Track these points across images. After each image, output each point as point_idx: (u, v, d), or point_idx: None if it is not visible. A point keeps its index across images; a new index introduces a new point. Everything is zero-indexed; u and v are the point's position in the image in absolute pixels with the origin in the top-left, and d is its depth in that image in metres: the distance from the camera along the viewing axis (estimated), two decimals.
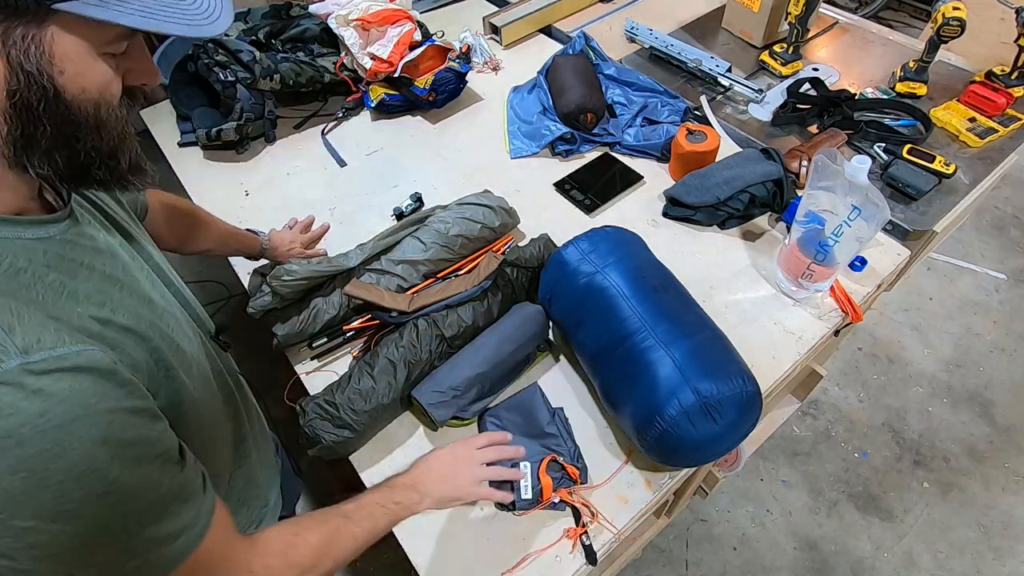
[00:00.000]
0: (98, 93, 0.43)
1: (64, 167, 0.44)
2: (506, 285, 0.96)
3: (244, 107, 1.26)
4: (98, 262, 0.49)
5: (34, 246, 0.44)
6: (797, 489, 1.61)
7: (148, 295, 0.53)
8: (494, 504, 0.80)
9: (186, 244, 0.93)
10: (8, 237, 0.43)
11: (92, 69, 0.42)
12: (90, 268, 0.48)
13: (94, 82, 0.43)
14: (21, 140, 0.42)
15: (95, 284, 0.47)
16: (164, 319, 0.53)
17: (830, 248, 0.89)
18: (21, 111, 0.40)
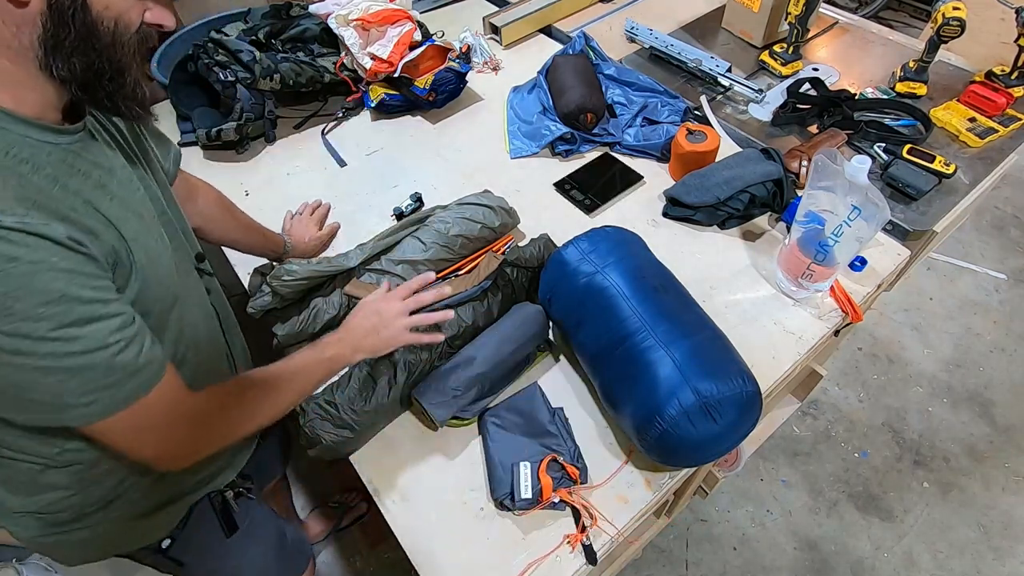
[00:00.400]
0: (118, 13, 0.52)
1: (80, 72, 0.52)
2: (506, 285, 0.96)
3: (244, 107, 1.26)
4: (95, 173, 0.57)
5: (40, 147, 0.52)
6: (797, 489, 1.61)
7: (138, 212, 0.62)
8: (494, 504, 0.80)
9: (212, 226, 0.97)
10: (21, 133, 0.51)
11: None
12: (86, 175, 0.56)
13: (116, 2, 0.52)
14: (51, 42, 0.50)
15: (87, 189, 0.55)
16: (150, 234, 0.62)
17: (830, 248, 0.89)
18: (55, 14, 0.49)
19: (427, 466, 0.85)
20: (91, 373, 0.52)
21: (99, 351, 0.52)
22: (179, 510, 0.80)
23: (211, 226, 0.97)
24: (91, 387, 0.52)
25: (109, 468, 0.68)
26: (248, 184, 1.27)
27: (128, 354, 0.54)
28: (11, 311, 0.46)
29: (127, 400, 0.55)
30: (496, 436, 0.84)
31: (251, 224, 1.05)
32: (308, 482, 1.68)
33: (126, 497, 0.71)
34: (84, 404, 0.53)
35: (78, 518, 0.70)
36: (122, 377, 0.54)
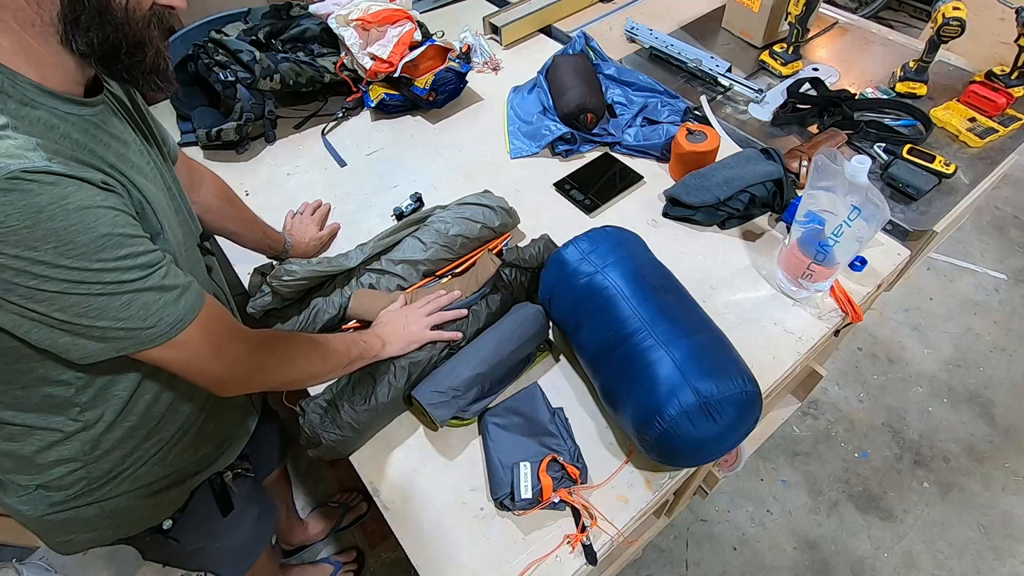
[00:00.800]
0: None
1: (99, 45, 0.55)
2: (506, 286, 0.96)
3: (244, 107, 1.26)
4: (114, 143, 0.61)
5: (66, 116, 0.56)
6: (797, 489, 1.61)
7: (154, 183, 0.66)
8: (494, 504, 0.80)
9: (211, 216, 0.98)
10: (49, 105, 0.55)
11: None
12: (107, 144, 0.60)
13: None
14: (69, 17, 0.53)
15: (112, 150, 0.60)
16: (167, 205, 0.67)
17: (830, 248, 0.89)
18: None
19: (427, 466, 0.85)
20: (150, 295, 0.56)
21: (151, 275, 0.57)
22: (183, 493, 0.83)
23: (212, 216, 0.98)
24: (153, 308, 0.57)
25: (116, 438, 0.70)
26: (248, 184, 1.27)
27: (172, 277, 0.59)
28: (73, 243, 0.50)
29: (184, 318, 0.60)
30: (496, 436, 0.84)
31: (253, 218, 1.06)
32: (308, 482, 1.68)
33: (132, 472, 0.74)
34: (149, 326, 0.57)
35: (86, 491, 0.72)
36: (175, 297, 0.59)
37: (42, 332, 0.54)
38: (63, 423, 0.66)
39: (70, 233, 0.50)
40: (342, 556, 1.51)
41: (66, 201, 0.49)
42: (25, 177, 0.47)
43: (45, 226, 0.48)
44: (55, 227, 0.49)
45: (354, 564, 1.50)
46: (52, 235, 0.49)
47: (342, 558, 1.50)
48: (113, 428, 0.70)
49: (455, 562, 0.77)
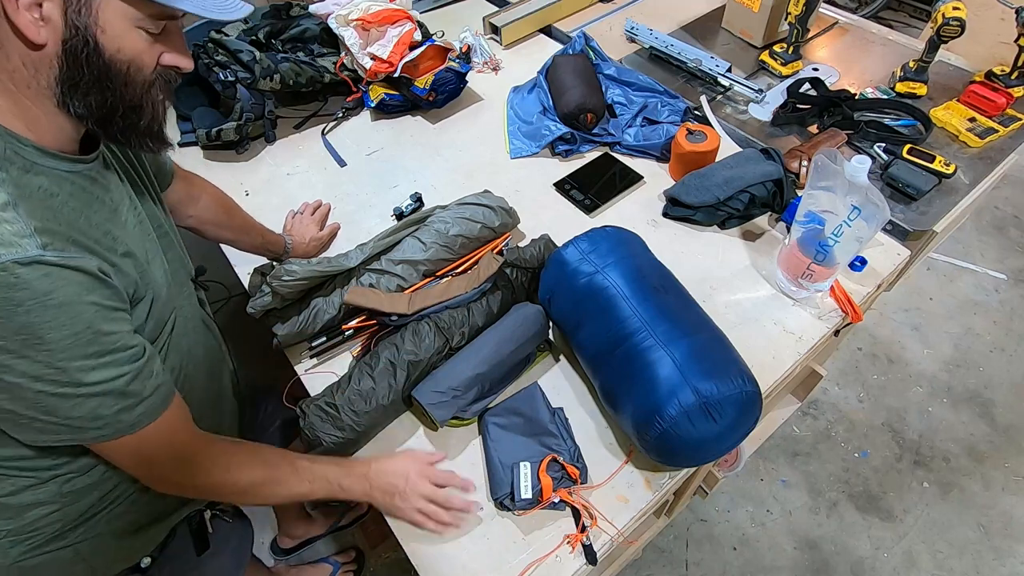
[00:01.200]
0: (131, 56, 0.55)
1: (96, 109, 0.56)
2: (506, 285, 0.96)
3: (244, 107, 1.26)
4: (108, 198, 0.62)
5: (66, 177, 0.57)
6: (797, 489, 1.61)
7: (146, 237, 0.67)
8: (494, 504, 0.80)
9: (208, 227, 0.99)
10: (48, 166, 0.55)
11: (128, 35, 0.54)
12: (102, 202, 0.60)
13: (128, 46, 0.54)
14: (68, 82, 0.54)
15: (105, 215, 0.60)
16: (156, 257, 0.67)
17: (830, 248, 0.89)
18: (69, 56, 0.52)
19: None
20: (105, 399, 0.56)
21: (114, 380, 0.56)
22: (161, 531, 0.81)
23: (211, 227, 0.99)
24: (104, 412, 0.56)
25: (93, 482, 0.69)
26: (248, 184, 1.27)
27: (138, 384, 0.58)
28: (43, 340, 0.50)
29: (134, 426, 0.59)
30: (496, 436, 0.84)
31: (251, 225, 1.05)
32: None
33: (108, 512, 0.72)
34: (97, 428, 0.57)
35: (61, 534, 0.70)
36: (132, 404, 0.58)
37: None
38: (37, 469, 0.65)
39: (43, 329, 0.50)
40: (342, 556, 1.51)
41: (48, 297, 0.49)
42: (13, 269, 0.47)
43: (20, 319, 0.48)
44: (30, 321, 0.49)
45: (354, 564, 1.50)
46: (24, 328, 0.49)
47: (341, 558, 1.50)
48: (91, 474, 0.68)
49: (455, 562, 0.77)
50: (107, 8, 0.52)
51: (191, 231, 0.99)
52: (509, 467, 0.79)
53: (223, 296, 2.09)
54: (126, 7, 0.53)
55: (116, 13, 0.53)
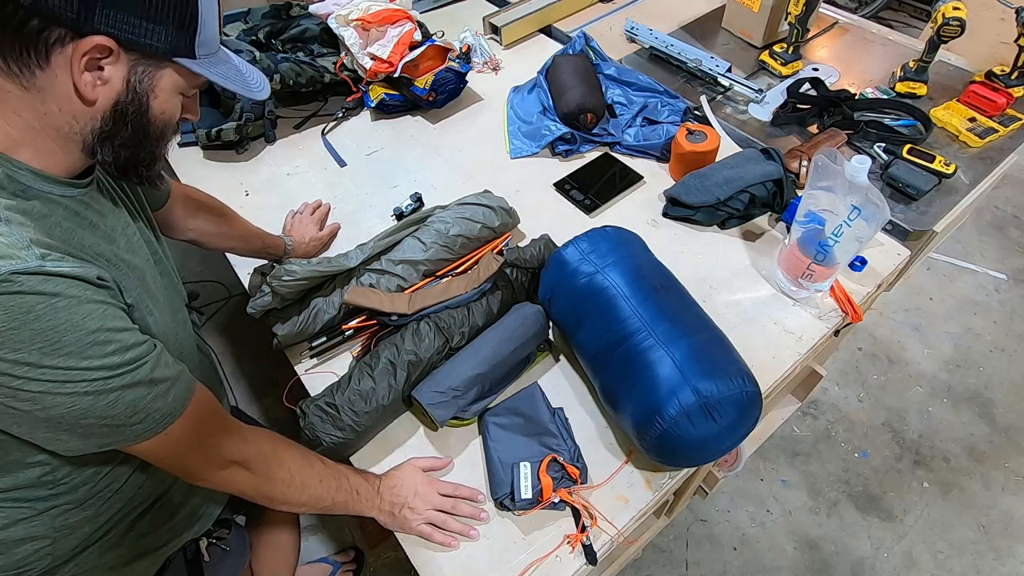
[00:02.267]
0: (170, 116, 0.59)
1: (123, 160, 0.58)
2: (506, 285, 0.96)
3: (244, 107, 1.26)
4: (101, 223, 0.62)
5: (59, 200, 0.57)
6: (797, 489, 1.61)
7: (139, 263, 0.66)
8: (494, 504, 0.80)
9: (208, 238, 0.99)
10: (42, 190, 0.56)
11: (173, 100, 0.58)
12: (94, 226, 0.61)
13: (171, 109, 0.59)
14: (105, 135, 0.56)
15: (97, 238, 0.60)
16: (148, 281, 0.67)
17: (830, 248, 0.89)
18: (117, 116, 0.55)
19: None
20: (137, 391, 0.55)
21: (139, 368, 0.56)
22: (155, 562, 0.79)
23: (210, 238, 0.99)
24: (140, 405, 0.56)
25: (88, 516, 0.68)
26: (248, 184, 1.27)
27: (162, 369, 0.58)
28: (60, 343, 0.50)
29: (172, 413, 0.59)
30: (496, 436, 0.84)
31: (251, 231, 1.05)
32: None
33: (100, 545, 0.71)
34: (136, 422, 0.56)
35: (50, 570, 0.68)
36: (163, 390, 0.58)
37: (24, 427, 0.54)
38: (34, 501, 0.63)
39: (58, 333, 0.49)
40: (341, 556, 1.51)
41: (56, 300, 0.49)
42: (15, 279, 0.47)
43: (32, 327, 0.48)
44: (42, 327, 0.48)
45: (353, 564, 1.50)
46: (38, 336, 0.48)
47: (341, 558, 1.50)
48: (86, 506, 0.67)
49: (455, 562, 0.77)
50: (166, 77, 0.56)
51: (192, 243, 0.99)
52: (509, 467, 0.80)
53: (223, 296, 2.10)
54: (179, 79, 0.57)
55: (172, 82, 0.56)
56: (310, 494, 0.74)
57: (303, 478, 0.73)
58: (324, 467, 0.76)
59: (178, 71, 0.56)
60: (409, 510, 0.78)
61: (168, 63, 0.55)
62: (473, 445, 0.87)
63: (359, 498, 0.77)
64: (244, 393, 1.81)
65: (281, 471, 0.71)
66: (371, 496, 0.78)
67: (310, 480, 0.74)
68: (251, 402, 1.78)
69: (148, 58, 0.54)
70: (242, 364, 1.88)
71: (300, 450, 0.75)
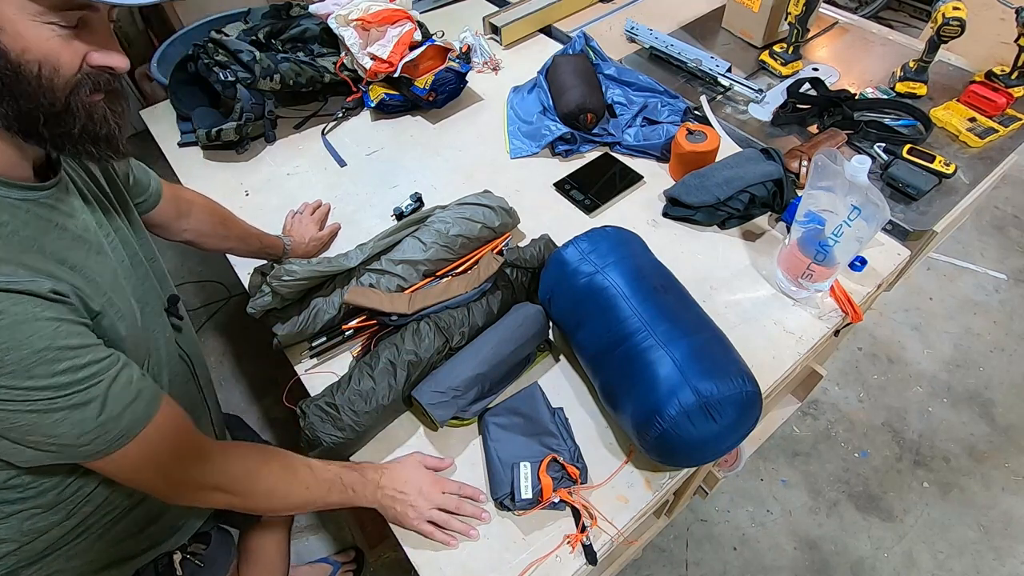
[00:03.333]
0: (41, 57, 0.48)
1: (13, 119, 0.50)
2: (506, 285, 0.96)
3: (244, 107, 1.26)
4: (70, 224, 0.58)
5: (19, 205, 0.53)
6: (797, 489, 1.61)
7: (112, 265, 0.63)
8: (494, 504, 0.80)
9: (203, 239, 0.97)
10: (2, 195, 0.52)
11: (32, 32, 0.47)
12: (62, 228, 0.57)
13: (36, 46, 0.48)
14: None
15: (65, 243, 0.56)
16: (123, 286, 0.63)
17: (830, 248, 0.89)
18: None
19: None
20: (87, 412, 0.53)
21: (92, 387, 0.53)
22: (124, 574, 0.77)
23: (206, 239, 0.98)
24: (89, 426, 0.53)
25: (56, 520, 0.66)
26: (248, 184, 1.27)
27: (118, 387, 0.55)
28: (2, 362, 0.47)
29: (125, 435, 0.56)
30: (496, 436, 0.84)
31: (247, 233, 1.04)
32: None
33: (68, 550, 0.69)
34: (84, 443, 0.54)
35: (15, 571, 0.67)
36: (118, 410, 0.55)
37: None
38: (2, 503, 0.61)
39: (1, 351, 0.47)
40: (341, 556, 1.51)
41: (1, 317, 0.47)
42: None
43: None
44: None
45: (353, 564, 1.50)
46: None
47: (341, 558, 1.50)
48: (56, 510, 0.65)
49: (455, 562, 0.77)
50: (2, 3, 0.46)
51: (188, 244, 0.98)
52: (509, 467, 0.80)
53: (223, 296, 2.10)
54: None
55: (11, 7, 0.46)
56: (295, 502, 0.73)
57: (287, 489, 0.72)
58: (311, 473, 0.74)
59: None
60: (411, 508, 0.77)
61: None
62: (473, 445, 0.87)
63: (356, 495, 0.77)
64: (244, 393, 1.81)
65: (261, 486, 0.70)
66: (370, 491, 0.78)
67: (295, 490, 0.72)
68: (251, 402, 1.78)
69: None
70: (242, 364, 1.88)
71: (282, 460, 0.73)
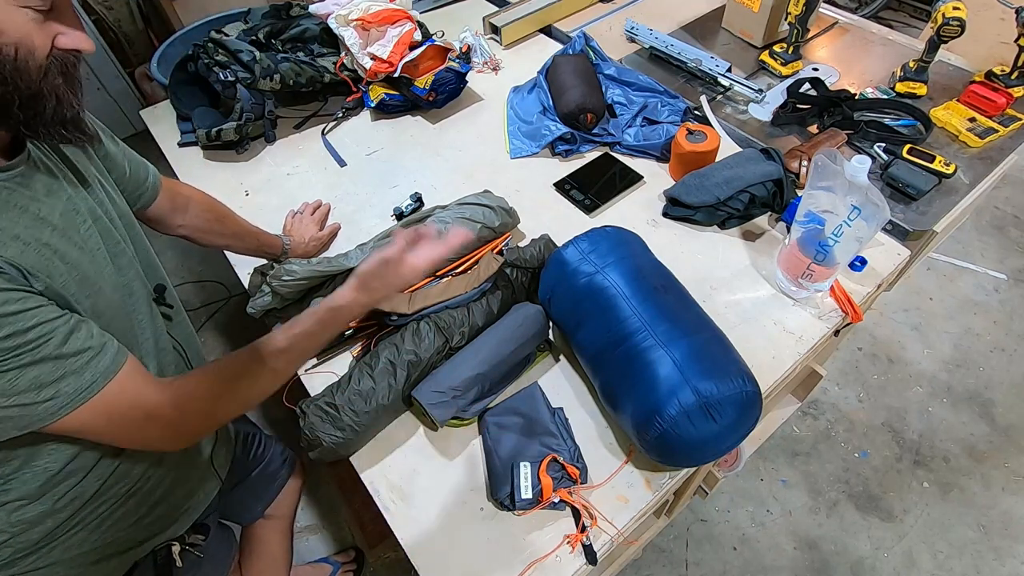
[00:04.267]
0: (17, 39, 0.49)
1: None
2: (506, 285, 0.96)
3: (244, 107, 1.26)
4: (32, 206, 0.57)
5: None
6: (797, 489, 1.61)
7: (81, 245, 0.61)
8: (494, 504, 0.80)
9: (199, 235, 0.97)
10: None
11: (9, 16, 0.48)
12: (23, 210, 0.55)
13: (12, 29, 0.49)
14: None
15: (25, 223, 0.55)
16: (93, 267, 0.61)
17: (830, 248, 0.89)
18: None
19: (427, 466, 0.85)
20: (42, 368, 0.52)
21: (42, 345, 0.52)
22: (121, 565, 0.77)
23: (203, 235, 0.97)
24: (47, 380, 0.52)
25: (46, 510, 0.65)
26: (248, 184, 1.27)
27: (75, 342, 0.54)
28: None
29: (91, 386, 0.55)
30: (496, 436, 0.84)
31: (245, 230, 1.04)
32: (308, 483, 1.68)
33: (65, 540, 0.69)
34: (45, 399, 0.53)
35: (11, 561, 0.66)
36: (78, 364, 0.54)
37: None
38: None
39: None
40: (341, 556, 1.51)
41: None
42: None
43: None
44: None
45: (353, 564, 1.50)
46: None
47: (341, 558, 1.50)
48: (43, 500, 0.64)
49: (455, 562, 0.77)
50: None
51: (185, 239, 0.97)
52: (509, 467, 0.79)
53: (223, 296, 2.10)
54: None
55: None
56: (285, 367, 0.70)
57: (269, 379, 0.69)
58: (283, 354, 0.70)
59: None
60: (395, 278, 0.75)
61: None
62: (473, 445, 0.87)
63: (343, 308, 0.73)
64: None
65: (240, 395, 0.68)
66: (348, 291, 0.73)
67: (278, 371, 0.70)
68: None
69: None
70: None
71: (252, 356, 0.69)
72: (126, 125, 2.62)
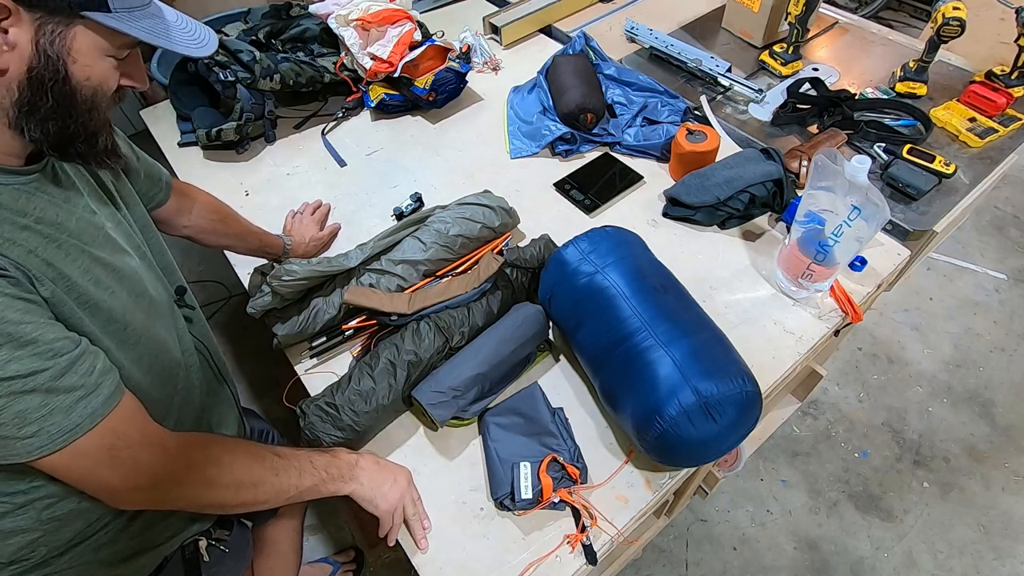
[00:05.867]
0: (98, 83, 0.54)
1: (53, 135, 0.54)
2: (506, 285, 0.96)
3: (244, 107, 1.26)
4: (48, 214, 0.57)
5: None
6: (797, 489, 1.61)
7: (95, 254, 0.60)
8: (494, 504, 0.80)
9: (203, 235, 0.98)
10: None
11: (98, 64, 0.54)
12: (38, 219, 0.55)
13: (97, 74, 0.54)
14: (26, 107, 0.52)
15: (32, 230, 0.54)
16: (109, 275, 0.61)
17: (830, 248, 0.89)
18: (34, 84, 0.51)
19: (427, 466, 0.85)
20: (31, 400, 0.49)
21: (34, 375, 0.49)
22: (152, 560, 0.77)
23: (206, 235, 0.98)
24: (33, 416, 0.50)
25: (75, 508, 0.65)
26: (248, 184, 1.27)
27: (70, 378, 0.51)
28: None
29: (75, 428, 0.52)
30: (496, 436, 0.84)
31: (248, 231, 1.05)
32: None
33: (95, 540, 0.69)
34: (26, 436, 0.50)
35: (46, 561, 0.66)
36: (69, 402, 0.52)
37: None
38: (12, 495, 0.60)
39: None
40: (341, 556, 1.51)
41: None
42: None
43: None
44: None
45: (353, 564, 1.50)
46: None
47: (341, 558, 1.50)
48: (71, 499, 0.64)
49: (455, 562, 0.77)
50: (81, 39, 0.51)
51: (189, 240, 0.98)
52: (509, 467, 0.79)
53: (223, 296, 2.10)
54: (97, 38, 0.52)
55: (89, 43, 0.52)
56: (266, 491, 0.69)
57: (255, 477, 0.68)
58: (278, 459, 0.71)
59: (92, 28, 0.51)
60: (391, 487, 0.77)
61: (77, 19, 0.50)
62: (473, 445, 0.87)
63: (329, 477, 0.74)
64: (244, 393, 1.81)
65: (226, 477, 0.67)
66: (346, 469, 0.76)
67: (264, 476, 0.69)
68: (251, 402, 1.78)
69: (53, 15, 0.49)
70: (242, 364, 1.88)
71: (247, 448, 0.70)
72: (126, 125, 2.61)
